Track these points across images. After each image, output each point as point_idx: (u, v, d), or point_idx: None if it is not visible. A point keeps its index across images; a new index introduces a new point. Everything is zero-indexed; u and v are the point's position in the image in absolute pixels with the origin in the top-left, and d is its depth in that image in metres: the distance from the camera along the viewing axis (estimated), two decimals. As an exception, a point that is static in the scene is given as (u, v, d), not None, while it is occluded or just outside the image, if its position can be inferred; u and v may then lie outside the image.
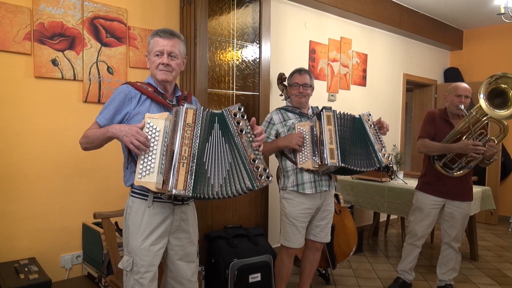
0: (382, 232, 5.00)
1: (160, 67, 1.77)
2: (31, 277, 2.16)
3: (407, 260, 3.13)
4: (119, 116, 1.74)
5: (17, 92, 2.50)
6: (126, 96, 1.74)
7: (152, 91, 1.78)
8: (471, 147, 2.71)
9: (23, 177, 2.54)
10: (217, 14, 3.15)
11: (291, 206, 2.53)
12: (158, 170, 1.58)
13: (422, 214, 3.00)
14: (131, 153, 1.71)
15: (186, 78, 3.10)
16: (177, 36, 1.81)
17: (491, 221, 5.51)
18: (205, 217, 3.05)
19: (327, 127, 2.33)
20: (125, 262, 1.75)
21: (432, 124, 3.00)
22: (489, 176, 5.54)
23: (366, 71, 4.99)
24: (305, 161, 2.43)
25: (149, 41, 1.82)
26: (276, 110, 2.65)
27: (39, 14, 2.53)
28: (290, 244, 2.56)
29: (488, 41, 5.96)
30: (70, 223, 2.72)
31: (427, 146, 2.92)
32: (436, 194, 2.96)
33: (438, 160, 2.93)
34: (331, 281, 3.37)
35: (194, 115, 1.59)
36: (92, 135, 1.71)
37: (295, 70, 2.64)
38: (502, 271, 3.71)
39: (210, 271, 2.91)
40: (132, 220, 1.74)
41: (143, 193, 1.73)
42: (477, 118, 2.78)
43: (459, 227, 2.96)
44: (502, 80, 2.70)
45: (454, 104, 2.91)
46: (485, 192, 3.97)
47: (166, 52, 1.76)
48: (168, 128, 1.63)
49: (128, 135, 1.59)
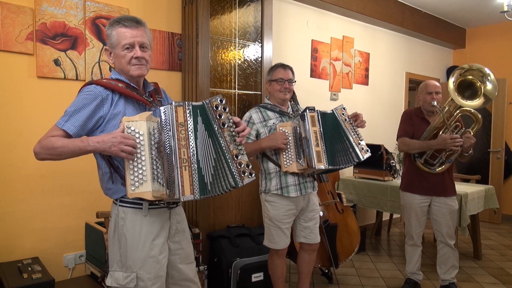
0: (385, 231, 4.99)
1: (133, 62, 1.58)
2: (34, 277, 2.17)
3: (412, 261, 3.13)
4: (91, 122, 1.52)
5: (19, 92, 2.51)
6: (97, 98, 1.52)
7: (124, 86, 1.59)
8: (450, 141, 2.74)
9: (26, 177, 2.54)
10: (219, 13, 3.15)
11: (275, 209, 2.45)
12: (151, 177, 1.47)
13: (412, 214, 3.03)
14: (113, 163, 1.56)
15: (188, 77, 3.10)
16: (142, 23, 1.61)
17: (494, 220, 5.48)
18: (208, 216, 3.05)
19: (312, 128, 2.22)
20: (123, 279, 1.57)
21: (410, 122, 3.03)
22: (492, 175, 5.51)
23: (369, 70, 4.98)
24: (290, 164, 2.34)
25: (110, 32, 1.59)
26: (255, 109, 2.52)
27: (41, 14, 2.54)
28: (276, 246, 2.50)
29: (491, 40, 5.93)
30: (73, 222, 2.73)
31: (407, 144, 2.95)
32: (421, 192, 2.98)
33: (418, 157, 2.95)
34: (334, 280, 3.37)
35: (184, 112, 1.48)
36: (61, 147, 1.45)
37: (278, 65, 2.52)
38: (505, 270, 3.69)
39: (213, 271, 2.91)
40: (129, 232, 1.58)
41: (136, 201, 1.58)
42: (450, 112, 2.83)
43: (448, 222, 2.97)
44: (469, 72, 2.78)
45: (426, 101, 2.96)
46: (489, 191, 3.95)
47: (138, 43, 1.58)
48: (153, 130, 1.49)
49: (115, 144, 1.41)
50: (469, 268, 3.71)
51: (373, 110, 5.06)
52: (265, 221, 2.53)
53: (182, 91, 3.21)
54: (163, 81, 3.08)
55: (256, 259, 2.87)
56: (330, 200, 3.37)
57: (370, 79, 5.01)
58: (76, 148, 1.45)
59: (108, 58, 1.65)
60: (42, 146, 1.47)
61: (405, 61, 5.51)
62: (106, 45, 1.65)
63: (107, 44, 1.63)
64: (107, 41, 1.63)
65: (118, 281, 1.58)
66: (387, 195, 3.95)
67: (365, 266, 3.76)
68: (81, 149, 1.46)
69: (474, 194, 3.68)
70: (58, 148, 1.45)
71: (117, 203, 1.62)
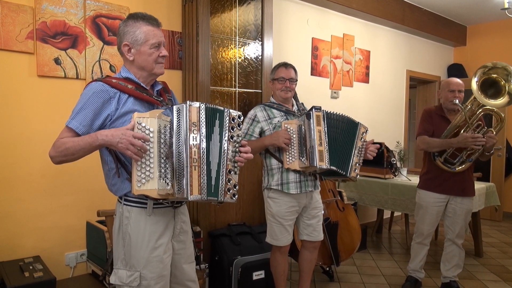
0: (386, 229, 4.99)
1: (159, 60, 1.63)
2: (35, 275, 2.17)
3: (417, 259, 3.12)
4: (98, 120, 1.52)
5: (20, 91, 2.51)
6: (104, 96, 1.52)
7: (134, 88, 1.59)
8: (471, 140, 2.70)
9: (27, 176, 2.55)
10: (219, 11, 3.14)
11: (277, 205, 2.47)
12: (158, 175, 1.45)
13: (427, 213, 2.99)
14: (120, 159, 1.55)
15: (189, 75, 3.10)
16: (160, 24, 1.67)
17: (495, 218, 5.48)
18: (209, 215, 3.06)
19: (316, 127, 2.25)
20: (127, 277, 1.58)
21: (430, 121, 2.99)
22: (494, 172, 5.51)
23: (369, 68, 4.97)
24: (292, 162, 2.37)
25: (134, 29, 1.59)
26: (260, 107, 2.54)
27: (42, 13, 2.54)
28: (278, 242, 2.51)
29: (492, 37, 5.92)
30: (74, 221, 2.73)
31: (427, 142, 2.91)
32: (439, 191, 2.94)
33: (438, 156, 2.92)
34: (335, 278, 3.37)
35: (197, 112, 1.49)
36: (73, 146, 1.45)
37: (281, 64, 2.56)
38: (506, 268, 3.69)
39: (214, 269, 2.91)
40: (133, 231, 1.58)
41: (141, 201, 1.58)
42: (472, 111, 2.77)
43: (461, 223, 2.95)
44: (493, 70, 2.73)
45: (448, 99, 2.91)
46: (490, 188, 3.95)
47: (163, 43, 1.64)
48: (164, 127, 1.48)
49: (123, 141, 1.40)
50: (470, 266, 3.71)
51: (374, 108, 5.05)
52: (268, 218, 2.55)
53: (183, 90, 3.20)
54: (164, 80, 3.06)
55: (257, 257, 2.87)
56: (331, 198, 3.37)
57: (370, 77, 5.00)
58: (86, 144, 1.45)
59: (126, 54, 1.61)
60: (56, 149, 1.48)
61: (405, 58, 5.50)
62: (122, 39, 1.61)
63: (127, 39, 1.59)
64: (125, 36, 1.60)
65: (122, 279, 1.59)
66: (388, 193, 3.95)
67: (366, 264, 3.77)
68: (91, 144, 1.45)
69: (476, 191, 3.67)
70: (70, 148, 1.46)
71: (121, 201, 1.62)
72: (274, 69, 2.58)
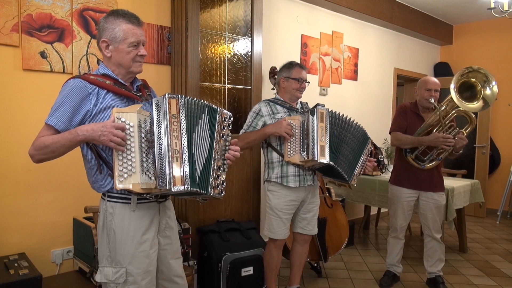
0: (373, 225, 5.05)
1: (137, 59, 1.61)
2: (21, 273, 2.13)
3: (393, 253, 3.19)
4: (77, 116, 1.51)
5: (4, 85, 2.45)
6: (82, 92, 1.51)
7: (112, 83, 1.58)
8: (442, 140, 2.77)
9: (12, 171, 2.50)
10: (209, 6, 3.12)
11: (276, 198, 2.53)
12: (140, 169, 1.45)
13: (398, 207, 3.07)
14: (101, 155, 1.53)
15: (178, 71, 3.07)
16: (142, 22, 1.64)
17: (479, 214, 5.59)
18: (197, 211, 3.05)
19: (319, 124, 2.30)
20: (113, 274, 1.57)
21: (404, 117, 3.05)
22: (478, 169, 5.61)
23: (358, 65, 5.00)
24: (293, 155, 2.41)
25: (113, 26, 1.57)
26: (264, 102, 2.60)
27: (27, 5, 2.48)
28: (275, 235, 2.57)
29: (477, 36, 6.01)
30: (61, 217, 2.69)
31: (400, 139, 2.97)
32: (409, 187, 3.02)
33: (410, 153, 2.99)
34: (323, 274, 3.40)
35: (177, 104, 1.49)
36: (53, 143, 1.44)
37: (296, 64, 2.60)
38: (490, 263, 3.77)
39: (203, 265, 2.91)
40: (118, 227, 1.57)
41: (124, 196, 1.57)
42: (447, 111, 2.85)
43: (434, 217, 3.02)
44: (473, 74, 2.79)
45: (424, 97, 2.96)
46: (474, 185, 4.03)
47: (142, 42, 1.62)
48: (144, 121, 1.48)
49: (105, 133, 1.39)
50: (454, 261, 3.78)
51: (362, 105, 5.09)
52: (267, 210, 2.60)
53: (172, 85, 3.18)
54: (152, 75, 3.05)
55: (246, 254, 2.87)
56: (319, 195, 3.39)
57: (359, 75, 5.03)
58: (66, 140, 1.44)
59: (104, 50, 1.61)
60: (35, 147, 1.47)
61: (393, 56, 5.55)
62: (101, 35, 1.60)
63: (106, 36, 1.59)
64: (104, 32, 1.59)
65: (108, 277, 1.58)
66: (376, 189, 3.99)
67: (353, 259, 3.81)
68: (71, 141, 1.44)
69: (460, 188, 3.74)
70: (50, 145, 1.44)
71: (105, 198, 1.61)
72: (288, 68, 2.60)
